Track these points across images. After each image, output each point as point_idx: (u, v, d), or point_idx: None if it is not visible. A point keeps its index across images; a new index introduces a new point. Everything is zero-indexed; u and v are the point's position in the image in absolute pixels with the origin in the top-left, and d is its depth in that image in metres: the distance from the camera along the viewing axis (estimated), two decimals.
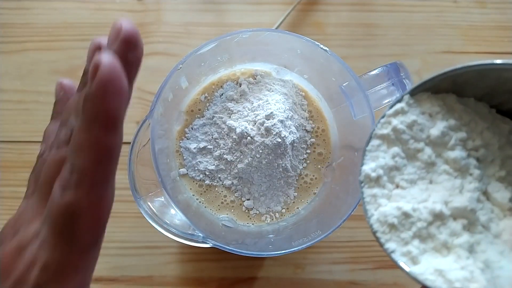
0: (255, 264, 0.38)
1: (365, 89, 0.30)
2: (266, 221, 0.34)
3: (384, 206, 0.20)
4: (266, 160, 0.32)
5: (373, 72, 0.30)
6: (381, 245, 0.20)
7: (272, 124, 0.31)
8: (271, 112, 0.31)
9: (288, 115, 0.32)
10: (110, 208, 0.19)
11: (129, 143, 0.29)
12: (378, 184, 0.21)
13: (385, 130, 0.21)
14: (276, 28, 0.41)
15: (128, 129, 0.40)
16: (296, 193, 0.34)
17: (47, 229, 0.18)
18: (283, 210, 0.34)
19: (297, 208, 0.34)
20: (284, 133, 0.31)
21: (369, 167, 0.21)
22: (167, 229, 0.29)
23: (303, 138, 0.34)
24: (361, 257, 0.38)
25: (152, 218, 0.29)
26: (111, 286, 0.38)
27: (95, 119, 0.16)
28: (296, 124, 0.34)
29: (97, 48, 0.21)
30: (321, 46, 0.31)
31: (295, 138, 0.33)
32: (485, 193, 0.21)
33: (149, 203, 0.29)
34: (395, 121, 0.21)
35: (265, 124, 0.31)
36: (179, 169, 0.34)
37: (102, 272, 0.38)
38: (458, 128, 0.21)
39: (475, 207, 0.20)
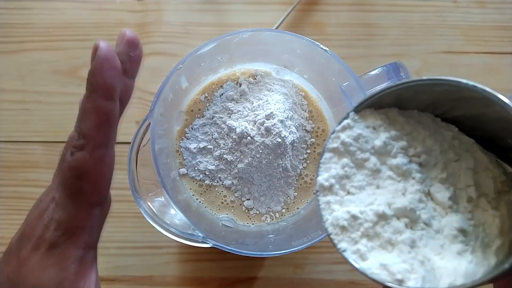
0: (255, 264, 0.38)
1: (365, 89, 0.30)
2: (266, 221, 0.34)
3: (337, 211, 0.23)
4: (266, 160, 0.32)
5: (373, 72, 0.30)
6: (335, 245, 0.22)
7: (272, 124, 0.31)
8: (271, 112, 0.31)
9: (288, 115, 0.32)
10: (112, 168, 0.22)
11: (129, 143, 0.29)
12: (331, 192, 0.23)
13: (335, 144, 0.24)
14: (276, 28, 0.41)
15: (128, 129, 0.40)
16: (296, 193, 0.34)
17: (59, 192, 0.21)
18: (283, 210, 0.34)
19: (297, 208, 0.34)
20: (284, 133, 0.31)
21: (322, 177, 0.23)
22: (167, 229, 0.29)
23: (303, 138, 0.34)
24: None
25: (152, 218, 0.29)
26: (111, 286, 0.38)
27: (95, 89, 0.21)
28: (296, 124, 0.34)
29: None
30: (321, 46, 0.31)
31: (295, 138, 0.33)
32: (428, 194, 0.23)
33: (149, 203, 0.29)
34: (343, 136, 0.23)
35: (265, 124, 0.31)
36: (179, 169, 0.34)
37: (102, 272, 0.38)
38: (399, 138, 0.24)
39: (415, 206, 0.22)
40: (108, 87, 0.21)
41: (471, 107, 0.23)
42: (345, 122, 0.24)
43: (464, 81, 0.20)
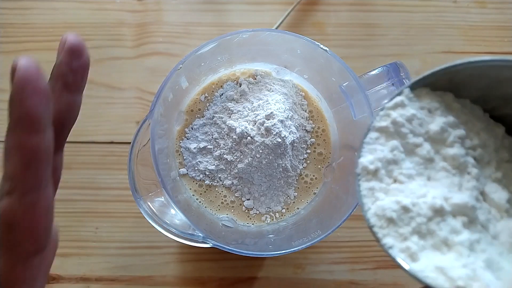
0: (255, 264, 0.38)
1: (365, 89, 0.30)
2: (266, 221, 0.34)
3: (382, 200, 0.20)
4: (266, 160, 0.32)
5: (373, 72, 0.30)
6: (378, 240, 0.19)
7: (272, 124, 0.31)
8: (271, 112, 0.31)
9: (288, 115, 0.32)
10: (50, 211, 0.18)
11: (129, 143, 0.29)
12: (375, 177, 0.20)
13: (384, 123, 0.21)
14: (276, 28, 0.41)
15: (128, 129, 0.40)
16: (296, 193, 0.34)
17: None
18: (283, 210, 0.34)
19: (297, 208, 0.34)
20: (284, 133, 0.31)
21: (366, 159, 0.20)
22: (167, 229, 0.29)
23: (303, 138, 0.34)
24: (361, 257, 0.38)
25: (152, 218, 0.29)
26: (111, 286, 0.38)
27: (17, 121, 0.17)
28: (296, 124, 0.34)
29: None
30: (321, 46, 0.31)
31: (295, 138, 0.33)
32: (482, 193, 0.20)
33: (149, 203, 0.29)
34: (395, 114, 0.20)
35: (265, 124, 0.31)
36: (179, 169, 0.34)
37: (102, 272, 0.38)
38: (457, 126, 0.21)
39: (475, 204, 0.19)
40: (32, 117, 0.16)
41: None
42: (398, 98, 0.20)
43: None
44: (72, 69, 0.19)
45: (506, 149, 0.21)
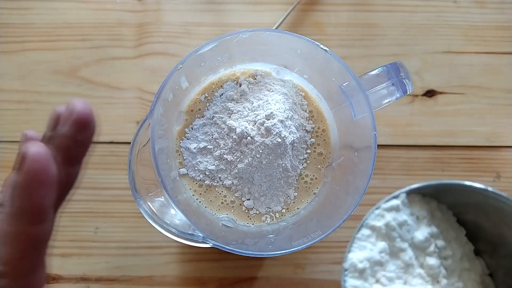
0: (255, 264, 0.38)
1: (365, 89, 0.30)
2: (266, 221, 0.34)
3: None
4: (266, 160, 0.32)
5: (373, 72, 0.30)
6: None
7: (272, 124, 0.31)
8: (271, 112, 0.31)
9: (288, 115, 0.32)
10: None
11: (129, 143, 0.29)
12: (361, 276, 0.22)
13: (379, 223, 0.23)
14: (276, 28, 0.41)
15: (128, 129, 0.40)
16: (296, 193, 0.34)
17: None
18: (283, 210, 0.34)
19: (297, 208, 0.34)
20: (284, 133, 0.31)
21: (356, 256, 0.22)
22: (167, 229, 0.29)
23: (303, 138, 0.34)
24: None
25: (152, 218, 0.29)
26: (111, 286, 0.38)
27: (21, 211, 0.17)
28: (296, 124, 0.34)
29: (56, 119, 0.20)
30: (321, 46, 0.31)
31: (295, 138, 0.33)
32: None
33: (149, 203, 0.29)
34: (389, 217, 0.22)
35: (265, 124, 0.31)
36: (179, 169, 0.34)
37: (102, 272, 0.38)
38: (437, 236, 0.23)
39: None
40: (38, 209, 0.17)
41: (494, 218, 0.23)
42: (395, 202, 0.23)
43: None
44: (77, 142, 0.18)
45: (466, 256, 0.23)
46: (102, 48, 0.42)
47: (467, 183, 0.22)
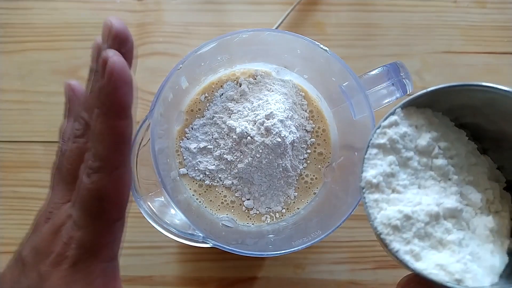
0: (255, 264, 0.38)
1: (365, 89, 0.30)
2: (266, 221, 0.34)
3: (385, 209, 0.23)
4: (266, 160, 0.32)
5: (373, 72, 0.30)
6: (386, 245, 0.22)
7: (272, 124, 0.31)
8: (271, 112, 0.31)
9: (288, 115, 0.32)
10: (130, 185, 0.22)
11: None
12: (378, 190, 0.23)
13: (382, 140, 0.23)
14: (276, 28, 0.41)
15: None
16: (296, 193, 0.34)
17: (78, 211, 0.21)
18: (283, 210, 0.34)
19: (297, 208, 0.34)
20: (284, 133, 0.31)
21: (369, 174, 0.23)
22: (167, 229, 0.29)
23: (303, 138, 0.34)
24: (361, 257, 0.38)
25: (152, 218, 0.29)
26: None
27: (110, 108, 0.19)
28: (296, 124, 0.34)
29: (100, 47, 0.22)
30: (321, 46, 0.31)
31: (295, 138, 0.33)
32: (460, 194, 0.24)
33: (149, 203, 0.29)
34: (390, 132, 0.23)
35: (265, 124, 0.31)
36: (179, 169, 0.34)
37: None
38: (439, 139, 0.24)
39: (462, 207, 0.23)
40: (122, 106, 0.20)
41: (490, 115, 0.24)
42: (392, 118, 0.24)
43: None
44: (121, 55, 0.20)
45: (471, 153, 0.25)
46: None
47: (459, 83, 0.22)
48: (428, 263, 0.21)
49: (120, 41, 0.20)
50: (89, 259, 0.21)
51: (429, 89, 0.23)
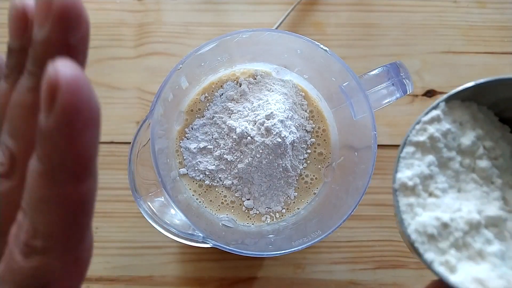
0: (255, 264, 0.38)
1: (365, 89, 0.30)
2: (266, 221, 0.34)
3: (420, 215, 0.20)
4: (266, 160, 0.32)
5: (373, 72, 0.30)
6: (420, 255, 0.20)
7: (272, 124, 0.31)
8: (271, 112, 0.31)
9: (288, 115, 0.32)
10: (89, 261, 0.15)
11: (129, 143, 0.29)
12: (413, 193, 0.21)
13: (422, 137, 0.21)
14: (276, 28, 0.41)
15: (128, 129, 0.40)
16: (296, 193, 0.34)
17: None
18: (283, 210, 0.34)
19: (297, 208, 0.34)
20: (284, 133, 0.31)
21: (405, 175, 0.21)
22: (167, 229, 0.29)
23: (303, 138, 0.34)
24: (361, 257, 0.38)
25: (152, 218, 0.29)
26: (111, 286, 0.38)
27: (60, 168, 0.12)
28: (296, 124, 0.34)
29: (22, 19, 0.14)
30: (321, 46, 0.31)
31: (295, 138, 0.33)
32: (504, 200, 0.21)
33: (149, 203, 0.29)
34: (432, 129, 0.21)
35: (265, 124, 0.31)
36: (179, 169, 0.34)
37: (102, 272, 0.38)
38: (484, 138, 0.22)
39: (506, 216, 0.20)
40: (83, 161, 0.12)
41: None
42: (435, 113, 0.21)
43: None
44: (70, 47, 0.12)
45: None
46: (102, 48, 0.42)
47: (509, 76, 0.21)
48: (465, 277, 0.19)
49: (68, 25, 0.12)
50: None
51: (477, 82, 0.21)
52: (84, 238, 0.14)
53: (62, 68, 0.11)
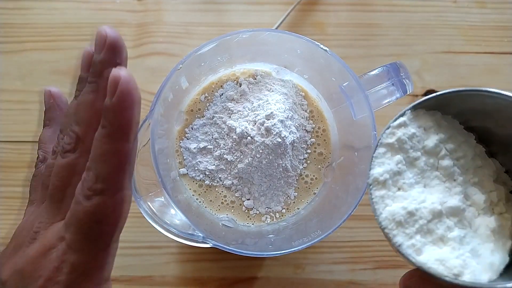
0: (255, 264, 0.38)
1: (365, 89, 0.30)
2: (266, 221, 0.34)
3: (390, 206, 0.24)
4: (266, 160, 0.32)
5: (373, 72, 0.30)
6: (389, 239, 0.23)
7: (272, 124, 0.31)
8: (271, 112, 0.31)
9: (288, 115, 0.32)
10: (129, 205, 0.20)
11: None
12: (384, 187, 0.24)
13: (391, 140, 0.24)
14: (276, 28, 0.41)
15: None
16: (296, 193, 0.34)
17: (73, 235, 0.19)
18: (283, 210, 0.34)
19: (297, 208, 0.34)
20: (284, 133, 0.31)
21: (377, 171, 0.24)
22: (167, 229, 0.29)
23: (303, 138, 0.34)
24: (361, 257, 0.38)
25: (152, 218, 0.29)
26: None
27: (117, 130, 0.18)
28: (296, 124, 0.34)
29: (91, 57, 0.22)
30: (321, 46, 0.31)
31: (295, 138, 0.33)
32: (465, 195, 0.25)
33: (149, 203, 0.29)
34: (399, 133, 0.24)
35: (265, 124, 0.31)
36: (179, 169, 0.34)
37: None
38: (446, 141, 0.25)
39: (464, 206, 0.24)
40: (131, 127, 0.19)
41: (500, 120, 0.25)
42: (402, 119, 0.25)
43: None
44: (116, 64, 0.20)
45: (478, 156, 0.26)
46: None
47: (469, 88, 0.23)
48: (429, 258, 0.22)
49: (115, 51, 0.20)
50: (82, 284, 0.20)
51: (438, 93, 0.24)
52: (128, 185, 0.20)
53: (121, 70, 0.18)
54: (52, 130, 0.27)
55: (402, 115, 0.25)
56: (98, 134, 0.19)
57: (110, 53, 0.20)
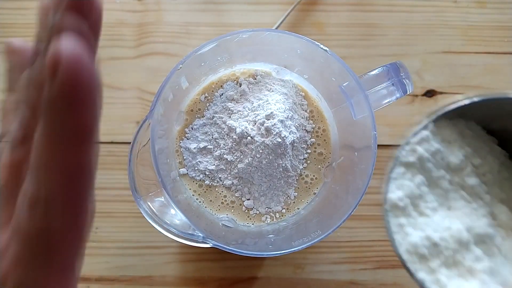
0: (255, 264, 0.38)
1: (365, 89, 0.30)
2: (266, 221, 0.34)
3: (411, 235, 0.21)
4: (266, 160, 0.32)
5: (373, 72, 0.30)
6: (411, 274, 0.20)
7: (272, 124, 0.31)
8: (271, 112, 0.31)
9: (288, 115, 0.32)
10: (91, 222, 0.16)
11: (129, 143, 0.29)
12: (403, 213, 0.21)
13: (411, 158, 0.21)
14: (276, 28, 0.41)
15: (128, 129, 0.40)
16: (296, 193, 0.34)
17: (18, 247, 0.15)
18: (283, 210, 0.34)
19: (297, 208, 0.34)
20: (284, 133, 0.31)
21: (396, 195, 0.21)
22: (167, 229, 0.29)
23: (303, 138, 0.34)
24: (361, 257, 0.38)
25: (152, 218, 0.29)
26: (111, 286, 0.38)
27: (61, 134, 0.13)
28: (296, 124, 0.34)
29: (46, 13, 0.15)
30: (321, 46, 0.31)
31: (295, 138, 0.33)
32: (491, 214, 0.22)
33: (149, 203, 0.29)
34: (421, 150, 0.21)
35: (265, 124, 0.31)
36: (179, 169, 0.34)
37: (102, 272, 0.38)
38: (472, 155, 0.22)
39: (494, 232, 0.21)
40: (82, 129, 0.13)
41: None
42: (424, 133, 0.22)
43: None
44: (82, 34, 0.13)
45: (504, 166, 0.23)
46: (102, 48, 0.42)
47: (498, 96, 0.21)
48: None
49: (79, 12, 0.13)
50: None
51: (465, 102, 0.21)
52: (84, 204, 0.15)
53: (64, 43, 0.12)
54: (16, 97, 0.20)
55: (424, 128, 0.22)
56: (38, 134, 0.13)
57: (72, 12, 0.13)
